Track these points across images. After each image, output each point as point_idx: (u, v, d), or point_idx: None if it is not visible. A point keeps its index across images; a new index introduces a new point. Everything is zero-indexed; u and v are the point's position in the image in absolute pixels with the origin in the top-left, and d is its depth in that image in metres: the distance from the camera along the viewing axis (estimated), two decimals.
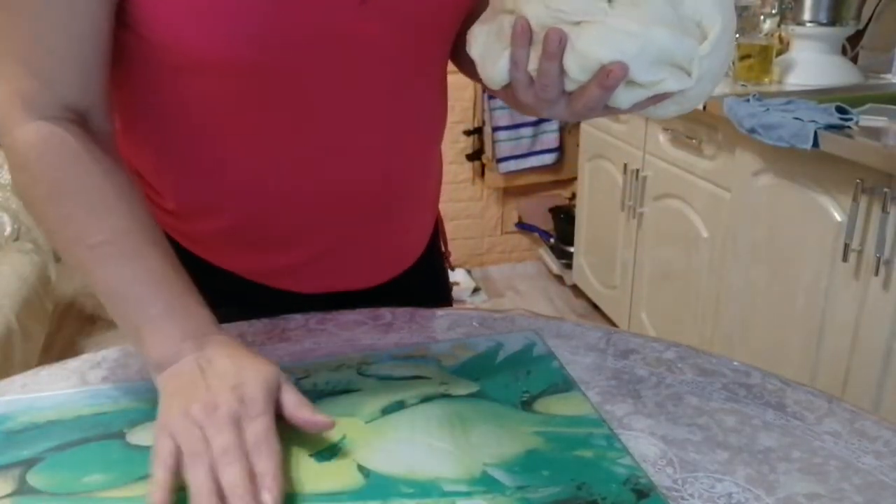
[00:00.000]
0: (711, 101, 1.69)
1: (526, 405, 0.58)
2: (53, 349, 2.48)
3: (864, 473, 0.50)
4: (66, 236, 0.58)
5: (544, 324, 0.71)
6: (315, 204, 0.71)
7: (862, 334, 1.38)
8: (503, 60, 0.54)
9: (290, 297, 0.77)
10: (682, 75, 0.51)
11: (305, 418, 0.52)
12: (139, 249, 0.58)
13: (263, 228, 0.73)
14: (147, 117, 0.68)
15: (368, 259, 0.78)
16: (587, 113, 0.54)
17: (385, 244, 0.79)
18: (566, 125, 2.81)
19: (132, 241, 0.58)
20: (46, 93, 0.58)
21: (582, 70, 0.51)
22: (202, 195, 0.71)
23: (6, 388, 0.61)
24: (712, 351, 0.66)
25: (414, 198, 0.79)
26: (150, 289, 0.57)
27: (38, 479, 0.50)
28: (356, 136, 0.68)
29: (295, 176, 0.69)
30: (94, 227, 0.57)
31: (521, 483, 0.49)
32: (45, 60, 0.58)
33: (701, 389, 0.60)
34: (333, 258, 0.76)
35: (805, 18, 1.81)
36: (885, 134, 1.34)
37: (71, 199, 0.58)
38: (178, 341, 0.55)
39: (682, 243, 1.96)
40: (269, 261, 0.75)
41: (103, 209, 0.58)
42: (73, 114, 0.60)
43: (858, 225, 1.35)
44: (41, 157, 0.58)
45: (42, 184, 0.59)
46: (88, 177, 0.59)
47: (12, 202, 2.23)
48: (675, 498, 0.48)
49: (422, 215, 0.83)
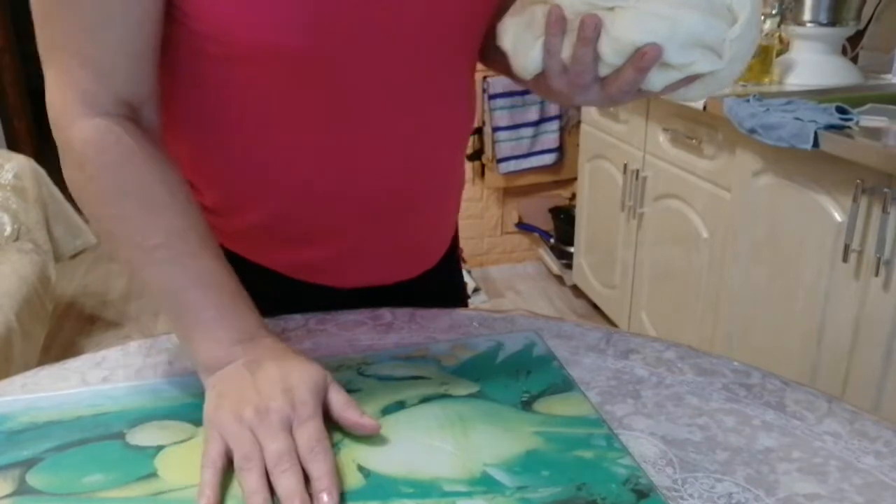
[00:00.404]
0: (711, 101, 1.69)
1: (526, 405, 0.58)
2: (53, 349, 2.48)
3: (864, 473, 0.50)
4: (122, 236, 0.59)
5: (544, 324, 0.71)
6: (352, 195, 0.71)
7: (862, 334, 1.38)
8: (536, 50, 0.56)
9: (324, 292, 0.78)
10: (714, 57, 0.53)
11: (354, 420, 0.53)
12: (193, 252, 0.59)
13: (301, 221, 0.73)
14: (189, 111, 0.68)
15: (401, 252, 0.79)
16: (621, 97, 0.55)
17: (418, 237, 0.79)
18: (566, 125, 2.81)
19: (186, 244, 0.59)
20: (102, 86, 0.58)
21: (616, 54, 0.53)
22: (242, 188, 0.71)
23: (6, 388, 0.61)
24: (712, 351, 0.66)
25: (445, 190, 0.80)
26: (202, 293, 0.58)
27: (38, 480, 0.50)
28: (393, 125, 0.69)
29: (334, 166, 0.69)
30: (150, 228, 0.58)
31: (521, 483, 0.49)
32: (100, 53, 0.58)
33: (701, 389, 0.60)
34: (368, 251, 0.76)
35: (805, 19, 1.81)
36: (885, 134, 1.34)
37: (127, 200, 0.59)
38: (229, 346, 0.56)
39: (682, 243, 1.96)
40: (306, 255, 0.76)
41: (159, 210, 0.59)
42: (127, 108, 0.60)
43: (858, 225, 1.35)
44: (98, 156, 0.58)
45: (99, 183, 0.59)
46: (144, 177, 0.59)
47: (12, 202, 2.23)
48: (675, 498, 0.48)
49: (450, 209, 0.84)
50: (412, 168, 0.73)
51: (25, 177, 2.31)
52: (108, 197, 0.59)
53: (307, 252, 0.76)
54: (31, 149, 4.07)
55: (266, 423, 0.50)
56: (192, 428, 0.55)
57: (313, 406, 0.52)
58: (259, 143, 0.68)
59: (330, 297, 0.77)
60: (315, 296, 0.77)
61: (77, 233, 2.46)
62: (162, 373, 0.63)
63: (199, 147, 0.71)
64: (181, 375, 0.62)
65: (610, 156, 2.32)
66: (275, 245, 0.75)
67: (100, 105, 0.59)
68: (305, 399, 0.52)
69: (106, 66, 0.58)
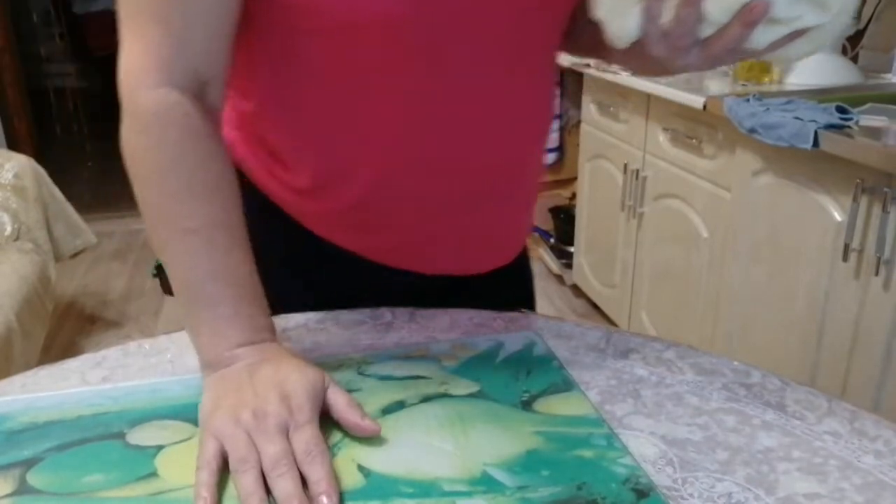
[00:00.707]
0: (711, 100, 1.69)
1: (526, 405, 0.58)
2: (53, 349, 2.48)
3: (864, 473, 0.50)
4: (161, 212, 0.59)
5: (544, 324, 0.71)
6: (443, 173, 0.72)
7: (862, 334, 1.38)
8: (633, 16, 0.56)
9: (406, 277, 0.78)
10: (819, 10, 0.53)
11: (354, 422, 0.53)
12: (223, 246, 0.59)
13: (390, 201, 0.73)
14: (283, 91, 0.69)
15: (485, 238, 0.79)
16: (724, 56, 0.56)
17: (503, 221, 0.79)
18: (566, 125, 2.81)
19: (220, 236, 0.59)
20: (179, 56, 0.59)
21: (723, 11, 0.52)
22: (335, 166, 0.72)
23: (6, 388, 0.61)
24: (712, 351, 0.66)
25: (530, 174, 0.80)
26: (221, 288, 0.58)
27: (38, 479, 0.50)
28: (487, 100, 0.69)
29: (427, 142, 0.70)
30: (190, 212, 0.58)
31: (522, 483, 0.49)
32: (182, 22, 0.59)
33: (701, 389, 0.60)
34: (453, 235, 0.77)
35: None
36: (885, 134, 1.34)
37: (177, 178, 0.59)
38: (234, 346, 0.57)
39: (682, 243, 1.96)
40: (391, 238, 0.76)
41: (203, 197, 0.59)
42: (197, 84, 0.61)
43: (858, 225, 1.35)
44: (163, 128, 0.59)
45: (156, 154, 0.59)
46: (199, 160, 0.59)
47: (12, 202, 2.23)
48: (675, 497, 0.48)
49: (533, 195, 0.84)
50: (502, 147, 0.73)
51: (25, 176, 2.31)
52: (161, 170, 0.59)
53: (393, 235, 0.76)
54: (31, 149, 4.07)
55: (263, 426, 0.50)
56: (192, 428, 0.55)
57: (310, 410, 0.52)
58: (354, 116, 0.68)
59: (411, 284, 0.78)
60: (397, 281, 0.77)
61: (77, 232, 2.46)
62: (162, 373, 0.63)
63: (295, 125, 0.71)
64: (181, 375, 0.63)
65: (610, 155, 2.32)
66: (361, 227, 0.76)
67: (173, 74, 0.59)
68: (302, 404, 0.52)
69: (186, 36, 0.59)
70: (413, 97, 0.67)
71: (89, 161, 5.11)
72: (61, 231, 2.41)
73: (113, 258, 3.32)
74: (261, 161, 0.75)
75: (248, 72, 0.69)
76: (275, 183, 0.75)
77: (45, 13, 6.22)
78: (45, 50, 6.23)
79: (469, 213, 0.75)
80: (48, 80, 6.19)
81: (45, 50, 6.23)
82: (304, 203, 0.75)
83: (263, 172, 0.76)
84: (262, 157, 0.75)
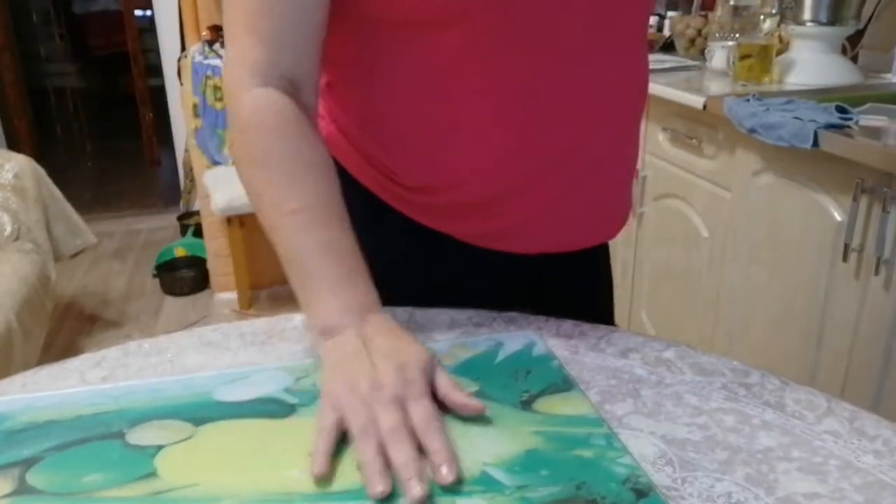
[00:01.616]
0: (711, 100, 1.69)
1: (526, 405, 0.58)
2: (53, 349, 2.48)
3: (863, 473, 0.50)
4: (266, 200, 0.64)
5: (544, 324, 0.71)
6: (540, 157, 0.73)
7: (862, 334, 1.38)
8: None
9: (505, 258, 0.79)
10: None
11: (462, 401, 0.55)
12: (322, 222, 0.62)
13: (493, 189, 0.74)
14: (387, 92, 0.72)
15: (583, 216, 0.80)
16: None
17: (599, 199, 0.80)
18: None
19: (319, 214, 0.63)
20: (271, 61, 0.65)
21: None
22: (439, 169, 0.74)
23: (6, 388, 0.61)
24: (712, 350, 0.66)
25: (625, 153, 0.81)
26: (324, 261, 0.61)
27: (37, 479, 0.50)
28: (579, 85, 0.71)
29: (523, 128, 0.71)
30: (290, 195, 0.62)
31: (521, 483, 0.49)
32: (272, 30, 0.65)
33: (700, 389, 0.60)
34: (553, 215, 0.77)
35: (805, 18, 1.81)
36: (885, 134, 1.34)
37: (276, 166, 0.63)
38: (342, 314, 0.59)
39: (682, 243, 1.96)
40: (493, 223, 0.77)
41: (300, 180, 0.63)
42: (290, 85, 0.66)
43: (858, 225, 1.35)
44: (260, 123, 0.64)
45: (255, 148, 0.64)
46: (293, 148, 0.64)
47: (12, 202, 2.23)
48: (675, 497, 0.48)
49: (629, 175, 0.85)
50: (599, 126, 0.74)
51: (25, 177, 2.31)
52: (261, 161, 0.64)
53: (495, 221, 0.77)
54: (31, 149, 4.07)
55: (379, 397, 0.52)
56: (192, 427, 0.55)
57: (424, 385, 0.54)
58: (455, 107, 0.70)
59: (512, 264, 0.79)
60: (497, 262, 0.79)
61: (77, 232, 2.46)
62: (162, 372, 0.63)
63: (397, 127, 0.74)
64: (181, 375, 0.63)
65: None
66: (464, 216, 0.77)
67: (267, 77, 0.65)
68: (416, 377, 0.54)
69: (277, 43, 0.65)
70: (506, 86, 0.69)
71: (89, 161, 5.11)
72: (61, 231, 2.41)
73: (113, 258, 3.32)
74: (367, 161, 0.78)
75: (352, 76, 0.74)
76: (381, 180, 0.78)
77: (45, 13, 6.21)
78: (45, 50, 6.23)
79: (567, 191, 0.76)
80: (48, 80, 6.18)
81: (45, 50, 6.23)
82: (409, 195, 0.77)
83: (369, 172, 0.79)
84: (367, 157, 0.78)
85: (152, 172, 4.69)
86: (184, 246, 3.03)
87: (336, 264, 0.61)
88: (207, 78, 2.60)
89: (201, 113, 2.65)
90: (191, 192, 3.25)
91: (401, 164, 0.76)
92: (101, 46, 6.28)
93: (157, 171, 4.70)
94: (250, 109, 0.64)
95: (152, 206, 4.00)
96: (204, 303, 2.86)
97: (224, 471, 0.50)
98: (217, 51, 2.59)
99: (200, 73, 2.60)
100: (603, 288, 0.95)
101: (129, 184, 4.46)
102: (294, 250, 0.62)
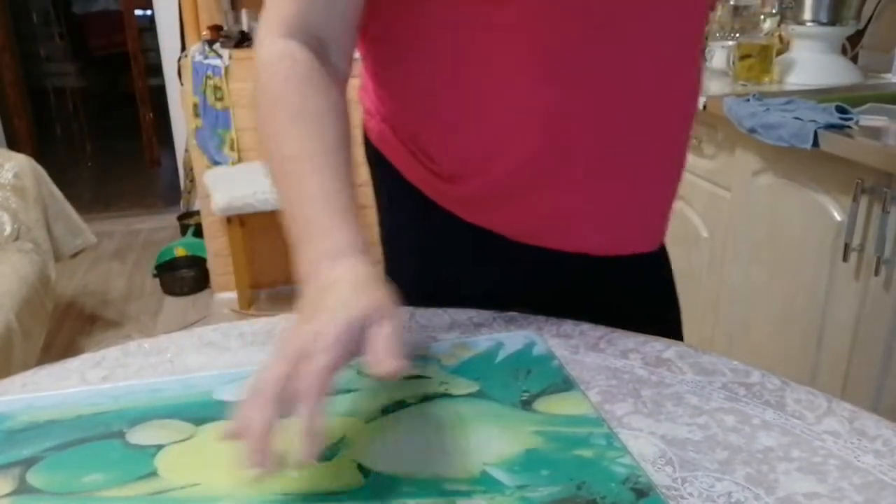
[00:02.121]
0: (711, 100, 1.69)
1: (526, 405, 0.58)
2: (53, 349, 2.48)
3: (863, 473, 0.50)
4: (270, 146, 0.64)
5: (544, 324, 0.71)
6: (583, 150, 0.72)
7: (862, 334, 1.38)
8: None
9: (546, 256, 0.79)
10: None
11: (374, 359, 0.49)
12: (315, 169, 0.61)
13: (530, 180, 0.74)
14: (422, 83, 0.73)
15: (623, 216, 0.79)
16: None
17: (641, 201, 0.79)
18: None
19: (313, 160, 0.62)
20: (298, 15, 0.66)
21: None
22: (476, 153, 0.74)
23: (6, 388, 0.61)
24: (712, 350, 0.66)
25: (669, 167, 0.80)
26: (310, 209, 0.60)
27: (38, 479, 0.50)
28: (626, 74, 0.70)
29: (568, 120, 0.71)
30: (289, 140, 0.62)
31: (521, 482, 0.49)
32: None
33: (700, 389, 0.60)
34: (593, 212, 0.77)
35: (805, 18, 1.81)
36: (885, 134, 1.34)
37: (281, 112, 0.64)
38: (315, 261, 0.57)
39: (682, 243, 1.96)
40: (531, 217, 0.77)
41: (301, 126, 0.63)
42: (315, 41, 0.66)
43: (858, 225, 1.35)
44: (276, 68, 0.65)
45: (265, 95, 0.65)
46: (301, 95, 0.64)
47: (12, 202, 2.23)
48: (675, 497, 0.48)
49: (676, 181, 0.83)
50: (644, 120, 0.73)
51: (25, 176, 2.31)
52: (271, 107, 0.64)
53: (530, 213, 0.77)
54: (30, 148, 4.07)
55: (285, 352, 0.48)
56: (192, 427, 0.55)
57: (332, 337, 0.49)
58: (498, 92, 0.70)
59: (553, 261, 0.79)
60: (535, 259, 0.78)
61: (77, 232, 2.46)
62: (162, 372, 0.63)
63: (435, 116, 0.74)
64: (181, 375, 0.63)
65: None
66: (497, 207, 0.77)
67: (294, 30, 0.66)
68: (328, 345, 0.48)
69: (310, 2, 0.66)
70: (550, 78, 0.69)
71: (89, 161, 5.11)
72: (61, 231, 2.41)
73: (113, 258, 3.32)
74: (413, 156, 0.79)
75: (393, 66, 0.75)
76: (424, 175, 0.78)
77: (45, 13, 6.21)
78: (45, 50, 6.23)
79: (610, 187, 0.75)
80: (48, 80, 6.18)
81: (45, 50, 6.23)
82: (444, 187, 0.77)
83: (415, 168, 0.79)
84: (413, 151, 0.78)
85: (152, 172, 4.70)
86: (184, 246, 3.03)
87: (319, 212, 0.59)
88: (207, 78, 2.61)
89: (201, 113, 2.65)
90: (191, 192, 3.25)
91: (436, 140, 0.76)
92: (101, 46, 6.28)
93: (157, 171, 4.71)
94: (268, 57, 0.66)
95: (152, 206, 4.00)
96: (204, 303, 2.86)
97: (224, 471, 0.50)
98: (217, 50, 2.60)
99: (200, 72, 2.60)
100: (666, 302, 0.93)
101: (129, 184, 4.46)
102: (286, 197, 0.62)
